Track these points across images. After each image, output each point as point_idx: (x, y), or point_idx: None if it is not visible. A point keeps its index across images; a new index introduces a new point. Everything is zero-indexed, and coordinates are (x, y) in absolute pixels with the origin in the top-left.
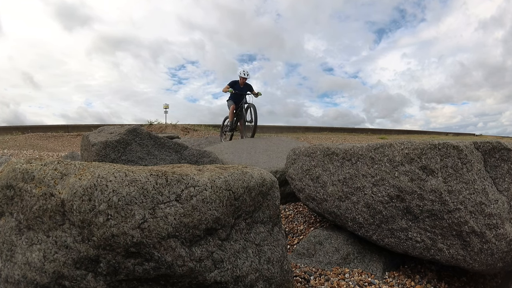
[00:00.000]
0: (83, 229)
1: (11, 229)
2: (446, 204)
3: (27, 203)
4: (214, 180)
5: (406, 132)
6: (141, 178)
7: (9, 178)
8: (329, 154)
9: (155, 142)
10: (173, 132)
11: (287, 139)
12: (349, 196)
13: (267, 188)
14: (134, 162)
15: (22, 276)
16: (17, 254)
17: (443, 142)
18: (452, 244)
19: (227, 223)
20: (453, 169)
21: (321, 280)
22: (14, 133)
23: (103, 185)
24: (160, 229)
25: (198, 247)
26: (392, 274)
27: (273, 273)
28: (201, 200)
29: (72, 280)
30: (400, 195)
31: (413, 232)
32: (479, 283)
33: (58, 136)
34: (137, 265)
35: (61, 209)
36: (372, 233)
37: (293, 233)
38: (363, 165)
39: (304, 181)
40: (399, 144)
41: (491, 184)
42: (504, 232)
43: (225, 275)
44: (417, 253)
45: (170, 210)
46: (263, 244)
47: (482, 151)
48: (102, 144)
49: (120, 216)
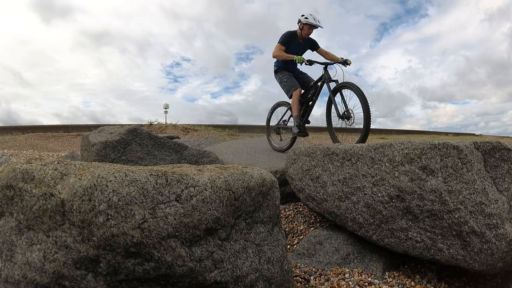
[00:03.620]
0: (83, 229)
1: (11, 229)
2: (446, 204)
3: (27, 203)
4: (214, 180)
5: (406, 132)
6: (141, 178)
7: (9, 178)
8: (329, 154)
9: (155, 142)
10: (173, 132)
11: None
12: (349, 196)
13: (267, 188)
14: (134, 162)
15: (22, 276)
16: (17, 254)
17: (443, 142)
18: (452, 244)
19: (227, 223)
20: (453, 169)
21: (321, 280)
22: (14, 133)
23: (103, 185)
24: (160, 229)
25: (198, 247)
26: (392, 274)
27: (273, 273)
28: (201, 200)
29: (72, 280)
30: (400, 195)
31: (413, 232)
32: (479, 283)
33: (58, 136)
34: (137, 265)
35: (61, 209)
36: (372, 233)
37: (293, 233)
38: (363, 165)
39: (304, 181)
40: (399, 144)
41: (491, 184)
42: (504, 232)
43: (225, 275)
44: (417, 253)
45: (170, 210)
46: (263, 244)
47: (482, 151)
48: (102, 144)
49: (120, 216)
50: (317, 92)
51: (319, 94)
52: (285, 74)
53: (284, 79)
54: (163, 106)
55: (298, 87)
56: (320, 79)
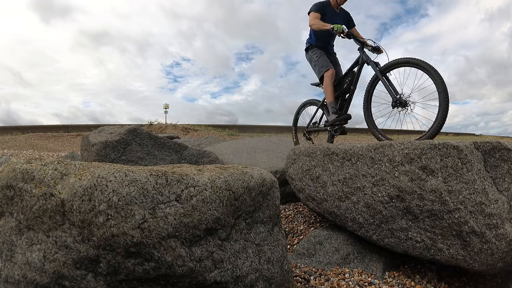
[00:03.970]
0: (83, 229)
1: (11, 229)
2: (446, 204)
3: (27, 203)
4: (214, 180)
5: (406, 132)
6: (141, 178)
7: (9, 178)
8: (329, 154)
9: (155, 142)
10: (173, 132)
11: (287, 139)
12: (349, 196)
13: (267, 188)
14: (134, 162)
15: (22, 276)
16: (17, 254)
17: (443, 142)
18: (452, 244)
19: (227, 223)
20: (453, 169)
21: (321, 280)
22: (14, 133)
23: (103, 185)
24: (160, 229)
25: (198, 247)
26: (392, 274)
27: (273, 273)
28: (201, 200)
29: (72, 280)
30: (400, 195)
31: (413, 232)
32: (479, 283)
33: (58, 136)
34: (137, 265)
35: (61, 209)
36: (372, 233)
37: (293, 233)
38: (363, 165)
39: (304, 181)
40: (399, 144)
41: (491, 184)
42: (504, 232)
43: (225, 275)
44: (417, 253)
45: (170, 210)
46: (263, 244)
47: (482, 151)
48: (102, 144)
49: (120, 216)
50: (355, 80)
51: (357, 82)
52: (316, 52)
53: (315, 57)
54: (163, 106)
55: (331, 67)
56: (357, 63)
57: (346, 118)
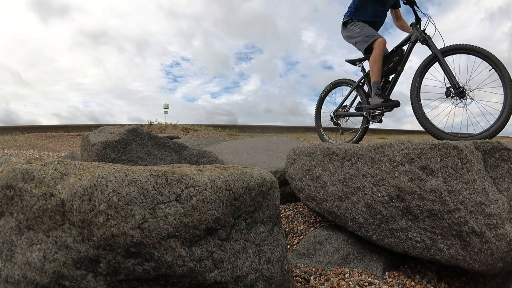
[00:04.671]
0: (83, 229)
1: (11, 229)
2: (446, 204)
3: (27, 203)
4: (214, 180)
5: (406, 132)
6: (141, 178)
7: (9, 178)
8: (329, 154)
9: (155, 142)
10: (173, 132)
11: (287, 139)
12: (349, 196)
13: (267, 188)
14: (134, 162)
15: (22, 276)
16: (17, 254)
17: (443, 142)
18: (452, 244)
19: (227, 223)
20: (453, 169)
21: (321, 280)
22: (14, 133)
23: (103, 185)
24: (160, 229)
25: (198, 247)
26: (392, 274)
27: (273, 273)
28: (201, 200)
29: (72, 280)
30: (400, 195)
31: (413, 232)
32: (479, 283)
33: (58, 136)
34: (137, 265)
35: (61, 209)
36: (372, 233)
37: (293, 233)
38: (363, 165)
39: (304, 181)
40: (399, 144)
41: (491, 184)
42: (504, 232)
43: (225, 275)
44: (417, 253)
45: (170, 210)
46: (263, 244)
47: (482, 151)
48: (102, 144)
49: (120, 216)
50: (404, 59)
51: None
52: (358, 23)
53: (357, 29)
54: (163, 106)
55: (380, 36)
56: (407, 40)
57: (393, 105)
